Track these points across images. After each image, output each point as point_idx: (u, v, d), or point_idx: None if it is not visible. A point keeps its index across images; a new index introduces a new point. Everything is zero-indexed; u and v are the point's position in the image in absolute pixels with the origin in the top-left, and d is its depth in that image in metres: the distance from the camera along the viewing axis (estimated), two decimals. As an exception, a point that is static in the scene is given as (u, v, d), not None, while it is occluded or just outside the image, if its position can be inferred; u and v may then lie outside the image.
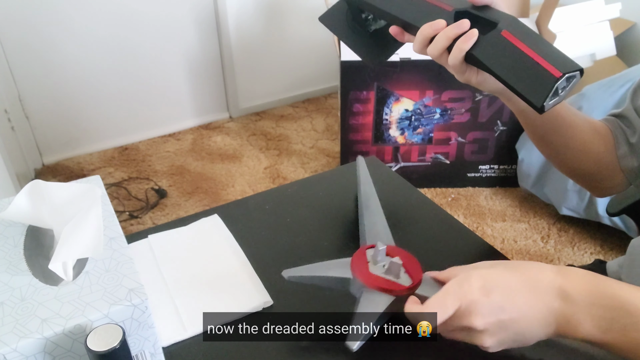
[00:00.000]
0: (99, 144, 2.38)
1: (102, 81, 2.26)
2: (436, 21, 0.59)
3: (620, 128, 0.73)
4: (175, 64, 2.40)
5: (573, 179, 0.80)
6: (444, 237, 0.77)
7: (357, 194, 0.78)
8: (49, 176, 2.21)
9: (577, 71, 0.53)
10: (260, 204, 0.84)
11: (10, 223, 0.56)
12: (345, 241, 0.76)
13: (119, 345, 0.41)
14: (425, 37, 0.61)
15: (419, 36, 0.61)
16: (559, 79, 0.52)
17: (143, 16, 2.22)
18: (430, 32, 0.60)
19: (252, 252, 0.73)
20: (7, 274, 0.49)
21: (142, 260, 0.72)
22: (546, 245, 1.82)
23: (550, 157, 0.77)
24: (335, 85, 2.77)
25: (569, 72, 0.52)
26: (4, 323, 0.44)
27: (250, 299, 0.65)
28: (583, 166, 0.75)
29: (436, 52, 0.60)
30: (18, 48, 2.04)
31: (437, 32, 0.59)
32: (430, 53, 0.61)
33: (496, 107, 1.91)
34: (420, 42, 0.62)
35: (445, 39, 0.59)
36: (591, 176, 0.76)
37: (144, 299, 0.47)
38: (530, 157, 1.88)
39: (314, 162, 2.30)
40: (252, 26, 2.48)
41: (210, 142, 2.45)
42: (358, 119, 1.96)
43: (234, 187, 2.14)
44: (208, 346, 0.60)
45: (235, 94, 2.60)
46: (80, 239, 0.50)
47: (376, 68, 0.74)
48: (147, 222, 1.96)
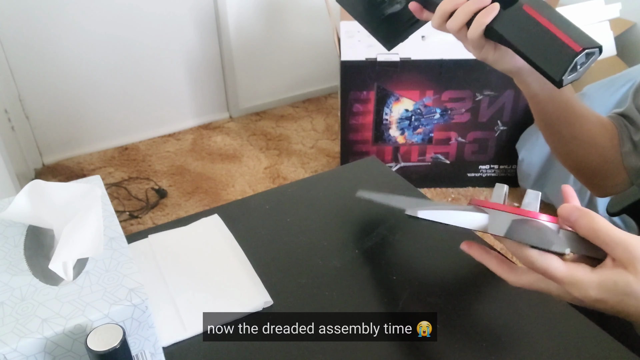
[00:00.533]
0: (99, 144, 2.38)
1: (102, 81, 2.26)
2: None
3: (625, 125, 0.73)
4: (175, 64, 2.40)
5: (576, 174, 0.80)
6: (444, 237, 0.77)
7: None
8: (49, 176, 2.21)
9: (596, 48, 0.54)
10: (260, 204, 0.84)
11: (11, 223, 0.56)
12: (345, 241, 0.76)
13: (119, 345, 0.41)
14: (445, 12, 0.61)
15: (438, 11, 0.61)
16: (579, 53, 0.53)
17: (143, 16, 2.22)
18: (450, 7, 0.60)
19: (252, 252, 0.73)
20: (7, 274, 0.49)
21: (142, 260, 0.72)
22: (546, 245, 1.82)
23: (556, 148, 0.77)
24: (335, 85, 2.77)
25: (588, 47, 0.53)
26: (4, 323, 0.44)
27: (250, 299, 0.65)
28: (588, 160, 0.75)
29: (455, 27, 0.60)
30: (18, 48, 2.04)
31: (457, 6, 0.59)
32: (449, 28, 0.61)
33: (496, 107, 1.91)
34: (440, 17, 0.61)
35: (466, 13, 0.59)
36: (595, 172, 0.76)
37: (144, 299, 0.47)
38: (531, 157, 1.88)
39: (314, 162, 2.30)
40: (252, 26, 2.48)
41: (211, 142, 2.45)
42: (358, 119, 1.96)
43: (234, 187, 2.14)
44: (208, 346, 0.60)
45: (235, 94, 2.60)
46: (81, 239, 0.50)
47: (389, 50, 0.75)
48: (147, 222, 1.96)
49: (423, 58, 1.80)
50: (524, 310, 0.64)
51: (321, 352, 0.58)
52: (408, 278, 0.69)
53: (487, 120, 1.94)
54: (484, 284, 0.69)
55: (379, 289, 0.67)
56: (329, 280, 0.68)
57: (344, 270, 0.70)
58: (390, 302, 0.65)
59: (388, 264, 0.71)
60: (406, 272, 0.70)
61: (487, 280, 0.70)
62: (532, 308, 0.64)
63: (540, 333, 0.60)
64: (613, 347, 0.59)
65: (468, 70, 1.83)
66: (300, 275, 0.69)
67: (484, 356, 0.52)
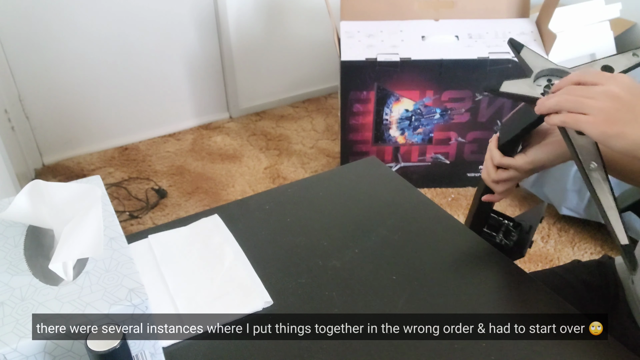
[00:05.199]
0: (99, 144, 2.38)
1: (102, 81, 2.26)
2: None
3: None
4: (175, 64, 2.40)
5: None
6: (444, 237, 0.77)
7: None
8: (49, 176, 2.21)
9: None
10: (260, 204, 0.84)
11: (11, 223, 0.56)
12: (345, 241, 0.76)
13: (119, 345, 0.41)
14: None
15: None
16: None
17: (143, 16, 2.22)
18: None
19: (252, 252, 0.73)
20: (7, 274, 0.49)
21: (142, 260, 0.72)
22: (546, 245, 1.82)
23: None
24: (335, 85, 2.77)
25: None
26: (4, 323, 0.44)
27: (250, 299, 0.65)
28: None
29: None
30: (18, 48, 2.04)
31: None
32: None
33: (496, 106, 1.91)
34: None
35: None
36: None
37: (144, 299, 0.47)
38: (530, 157, 1.88)
39: (314, 162, 2.30)
40: (252, 26, 2.48)
41: (211, 142, 2.45)
42: (358, 119, 1.96)
43: (234, 187, 2.14)
44: (208, 346, 0.60)
45: (235, 94, 2.60)
46: (81, 239, 0.50)
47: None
48: (147, 222, 1.96)
49: (423, 58, 1.80)
50: (526, 311, 0.64)
51: (321, 352, 0.58)
52: (408, 278, 0.69)
53: (487, 120, 1.94)
54: (485, 285, 0.69)
55: (379, 289, 0.67)
56: (329, 280, 0.68)
57: (344, 270, 0.70)
58: (390, 302, 0.65)
59: (388, 264, 0.71)
60: (406, 272, 0.70)
61: (487, 281, 0.70)
62: (533, 309, 0.64)
63: (542, 334, 0.60)
64: (613, 347, 0.59)
65: (468, 70, 1.83)
66: (300, 275, 0.69)
67: (484, 356, 0.52)
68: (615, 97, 0.51)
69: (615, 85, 0.52)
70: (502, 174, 0.70)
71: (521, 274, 0.70)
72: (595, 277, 0.82)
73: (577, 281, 0.83)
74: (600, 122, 0.51)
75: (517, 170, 0.68)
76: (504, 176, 0.70)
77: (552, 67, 0.62)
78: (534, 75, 0.62)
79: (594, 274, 0.83)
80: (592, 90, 0.53)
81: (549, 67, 0.62)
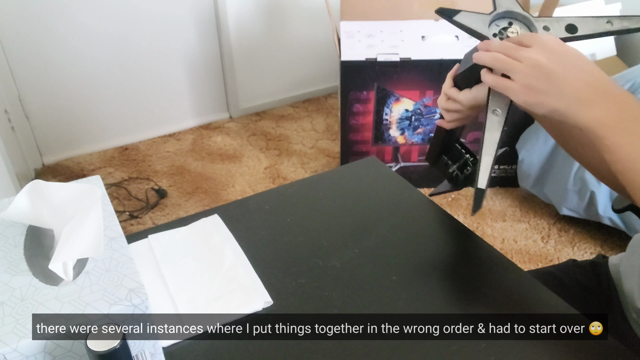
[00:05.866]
0: (99, 144, 2.38)
1: (102, 81, 2.26)
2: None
3: None
4: (175, 64, 2.40)
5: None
6: (444, 237, 0.77)
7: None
8: (49, 176, 2.21)
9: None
10: (260, 204, 0.84)
11: (11, 223, 0.56)
12: (345, 241, 0.76)
13: (119, 345, 0.41)
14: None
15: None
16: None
17: (143, 16, 2.22)
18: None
19: (252, 252, 0.73)
20: (7, 274, 0.49)
21: (142, 260, 0.72)
22: (546, 245, 1.82)
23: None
24: (335, 85, 2.77)
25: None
26: (4, 323, 0.44)
27: (250, 299, 0.65)
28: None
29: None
30: (18, 48, 2.04)
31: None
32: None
33: (496, 107, 1.91)
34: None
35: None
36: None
37: (144, 299, 0.47)
38: (531, 157, 1.88)
39: (314, 162, 2.30)
40: (252, 26, 2.48)
41: (210, 142, 2.45)
42: (358, 119, 1.96)
43: (234, 187, 2.14)
44: (208, 346, 0.60)
45: (235, 94, 2.60)
46: (81, 239, 0.50)
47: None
48: (147, 222, 1.96)
49: (423, 58, 1.80)
50: (526, 311, 0.64)
51: (321, 352, 0.58)
52: (408, 278, 0.69)
53: (487, 120, 1.94)
54: (485, 285, 0.69)
55: (379, 289, 0.67)
56: (329, 280, 0.68)
57: (344, 270, 0.70)
58: (390, 302, 0.65)
59: (388, 264, 0.71)
60: (406, 272, 0.70)
61: (487, 281, 0.70)
62: (533, 309, 0.64)
63: (542, 334, 0.60)
64: (613, 347, 0.59)
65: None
66: (300, 275, 0.69)
67: (484, 356, 0.52)
68: (537, 65, 0.53)
69: (540, 51, 0.54)
70: (450, 104, 0.71)
71: (521, 274, 0.70)
72: (589, 277, 0.82)
73: (571, 281, 0.83)
74: (522, 90, 0.54)
75: (460, 103, 0.69)
76: (451, 107, 0.71)
77: (515, 11, 0.61)
78: (495, 14, 0.61)
79: (588, 274, 0.83)
80: (520, 53, 0.55)
81: (513, 9, 0.62)
